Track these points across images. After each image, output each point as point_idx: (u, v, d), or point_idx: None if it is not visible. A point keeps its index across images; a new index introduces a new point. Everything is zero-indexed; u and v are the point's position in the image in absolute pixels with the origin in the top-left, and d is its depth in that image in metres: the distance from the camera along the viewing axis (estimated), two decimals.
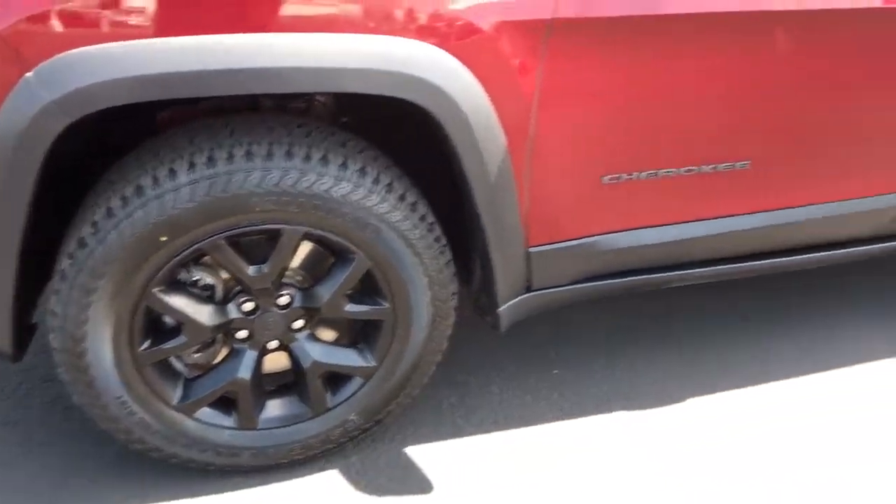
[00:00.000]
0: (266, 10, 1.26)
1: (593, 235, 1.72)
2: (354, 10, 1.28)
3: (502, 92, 1.41)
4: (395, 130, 1.64)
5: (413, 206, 1.51)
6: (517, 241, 1.63)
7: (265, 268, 1.48)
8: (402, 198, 1.49)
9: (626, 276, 1.85)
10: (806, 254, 1.99)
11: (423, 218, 1.52)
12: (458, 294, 1.68)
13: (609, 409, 2.01)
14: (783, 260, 1.98)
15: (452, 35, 1.33)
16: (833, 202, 1.85)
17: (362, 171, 1.44)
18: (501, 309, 1.71)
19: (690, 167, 1.65)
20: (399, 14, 1.29)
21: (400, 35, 1.29)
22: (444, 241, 1.58)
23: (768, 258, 1.96)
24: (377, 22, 1.28)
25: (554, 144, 1.52)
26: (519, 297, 1.75)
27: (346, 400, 1.69)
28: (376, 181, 1.45)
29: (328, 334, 1.69)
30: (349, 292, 1.59)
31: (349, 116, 1.73)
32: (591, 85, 1.47)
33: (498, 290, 1.67)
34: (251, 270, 1.48)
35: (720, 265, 1.92)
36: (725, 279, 2.01)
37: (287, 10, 1.27)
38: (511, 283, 1.70)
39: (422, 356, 1.69)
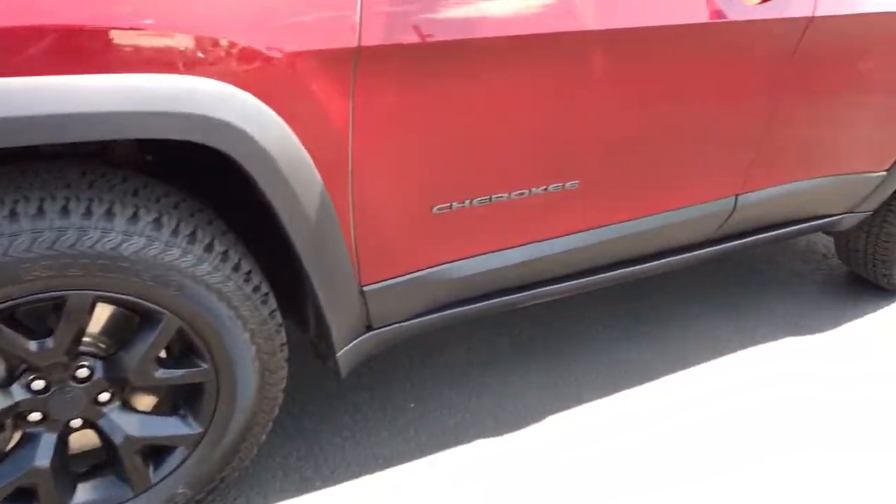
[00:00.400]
0: (24, 50, 1.07)
1: (431, 267, 1.63)
2: (128, 46, 1.10)
3: (310, 127, 1.28)
4: (209, 170, 1.48)
5: (224, 256, 1.35)
6: (348, 281, 1.51)
7: (51, 342, 1.28)
8: (209, 247, 1.33)
9: (472, 303, 1.78)
10: (647, 262, 2.01)
11: (236, 268, 1.37)
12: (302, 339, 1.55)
13: (468, 439, 1.94)
14: (626, 270, 1.99)
15: (246, 69, 1.18)
16: (663, 213, 1.86)
17: (157, 222, 1.27)
18: (340, 354, 1.59)
19: (522, 190, 1.60)
20: (181, 49, 1.13)
21: (183, 73, 1.13)
22: (265, 289, 1.44)
23: (612, 270, 1.96)
24: (155, 59, 1.12)
25: (376, 178, 1.42)
26: (359, 339, 1.64)
27: (171, 473, 1.51)
28: (175, 232, 1.29)
29: (145, 401, 1.51)
30: (162, 355, 1.42)
31: (154, 155, 1.55)
32: (408, 114, 1.38)
33: (333, 334, 1.55)
34: (33, 346, 1.27)
35: (565, 282, 1.89)
36: (573, 294, 1.99)
37: (49, 48, 1.08)
38: (347, 324, 1.58)
39: (254, 415, 1.54)
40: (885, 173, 2.25)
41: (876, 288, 2.73)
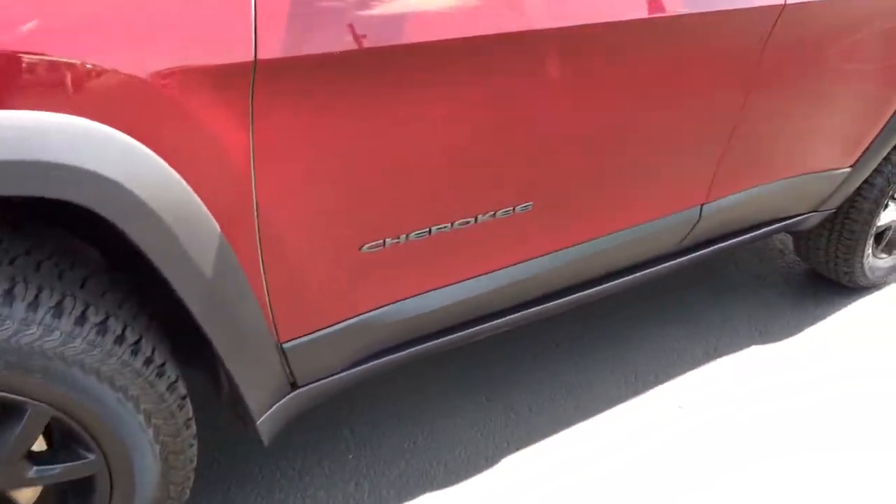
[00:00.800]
0: None
1: (365, 312, 1.40)
2: None
3: (200, 164, 1.03)
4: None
5: (102, 327, 1.09)
6: (262, 340, 1.26)
7: None
8: (82, 319, 1.07)
9: (418, 344, 1.55)
10: (607, 282, 1.82)
11: (119, 339, 1.11)
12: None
13: (416, 491, 1.73)
14: (586, 293, 1.79)
15: (105, 97, 0.92)
16: (625, 230, 1.67)
17: (9, 294, 1.00)
18: (260, 422, 1.35)
19: (466, 219, 1.37)
20: (9, 74, 0.86)
21: (14, 106, 0.86)
22: (159, 360, 1.18)
23: (569, 294, 1.76)
24: None
25: (289, 219, 1.17)
26: (282, 400, 1.40)
27: None
28: (34, 305, 1.02)
29: (26, 496, 1.24)
30: (36, 450, 1.15)
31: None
32: (324, 139, 1.13)
33: (248, 401, 1.30)
34: None
35: (518, 311, 1.68)
36: (526, 324, 1.78)
37: None
38: (266, 388, 1.34)
39: (161, 500, 1.28)
40: (849, 170, 2.10)
41: (836, 285, 2.61)
